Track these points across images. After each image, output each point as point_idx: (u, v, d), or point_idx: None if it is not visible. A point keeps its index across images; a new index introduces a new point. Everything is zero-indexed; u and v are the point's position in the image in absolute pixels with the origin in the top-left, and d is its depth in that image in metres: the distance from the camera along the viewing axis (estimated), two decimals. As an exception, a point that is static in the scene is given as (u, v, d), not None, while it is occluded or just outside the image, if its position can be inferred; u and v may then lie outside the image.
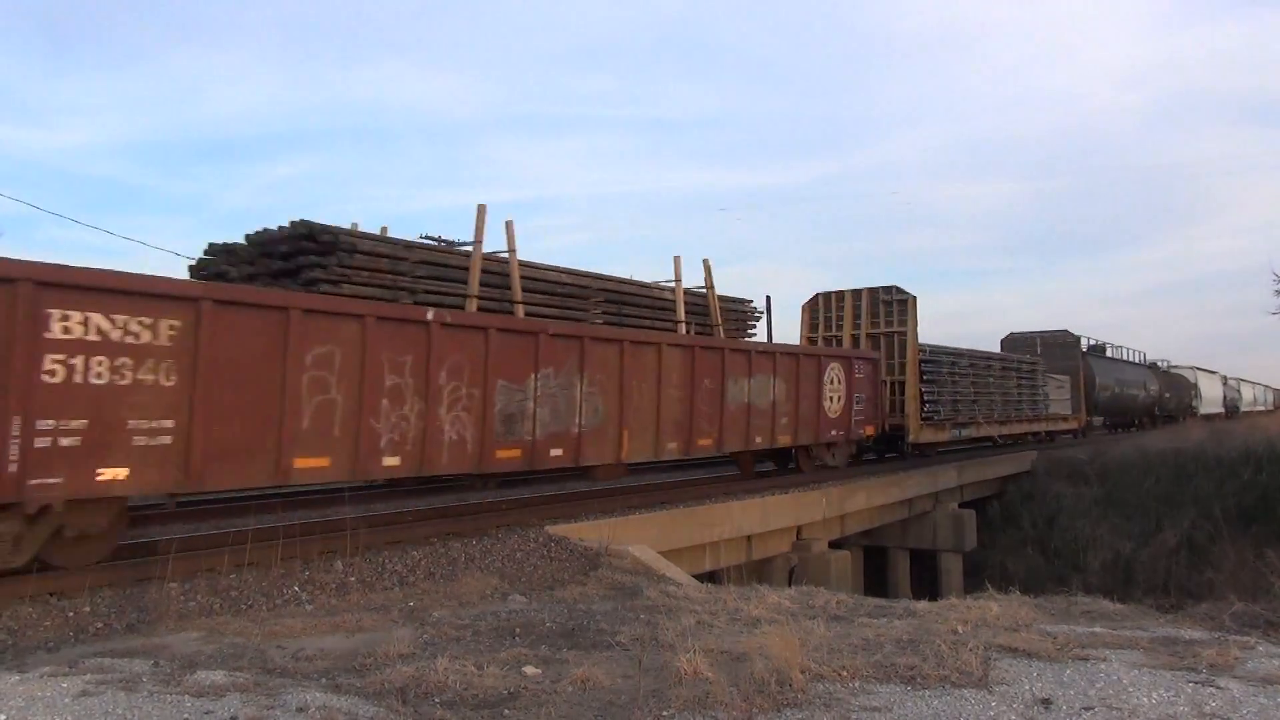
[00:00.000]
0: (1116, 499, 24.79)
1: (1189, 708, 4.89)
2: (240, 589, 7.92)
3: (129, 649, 6.28)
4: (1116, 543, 22.37)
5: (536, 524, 11.29)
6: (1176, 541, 21.54)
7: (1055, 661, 5.84)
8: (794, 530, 16.22)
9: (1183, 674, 5.55)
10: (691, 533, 13.38)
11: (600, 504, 13.35)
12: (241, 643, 6.45)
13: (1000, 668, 5.67)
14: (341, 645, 6.42)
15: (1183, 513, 22.58)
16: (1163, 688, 5.23)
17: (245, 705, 4.84)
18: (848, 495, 17.70)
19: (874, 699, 5.06)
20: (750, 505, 14.74)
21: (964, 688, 5.25)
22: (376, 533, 10.13)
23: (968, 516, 22.18)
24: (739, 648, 6.12)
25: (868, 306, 22.80)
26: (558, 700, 5.09)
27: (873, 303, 22.83)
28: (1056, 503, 25.13)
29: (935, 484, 21.83)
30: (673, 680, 5.32)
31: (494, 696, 5.16)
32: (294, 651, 6.19)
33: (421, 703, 5.04)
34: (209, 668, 5.66)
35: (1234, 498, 22.77)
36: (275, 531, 9.51)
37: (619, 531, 11.61)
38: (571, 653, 6.21)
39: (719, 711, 4.82)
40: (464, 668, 5.55)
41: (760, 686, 5.14)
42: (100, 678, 5.33)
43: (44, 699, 4.89)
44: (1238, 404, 72.20)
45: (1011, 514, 25.39)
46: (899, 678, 5.45)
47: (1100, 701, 4.98)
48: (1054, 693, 5.15)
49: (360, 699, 5.05)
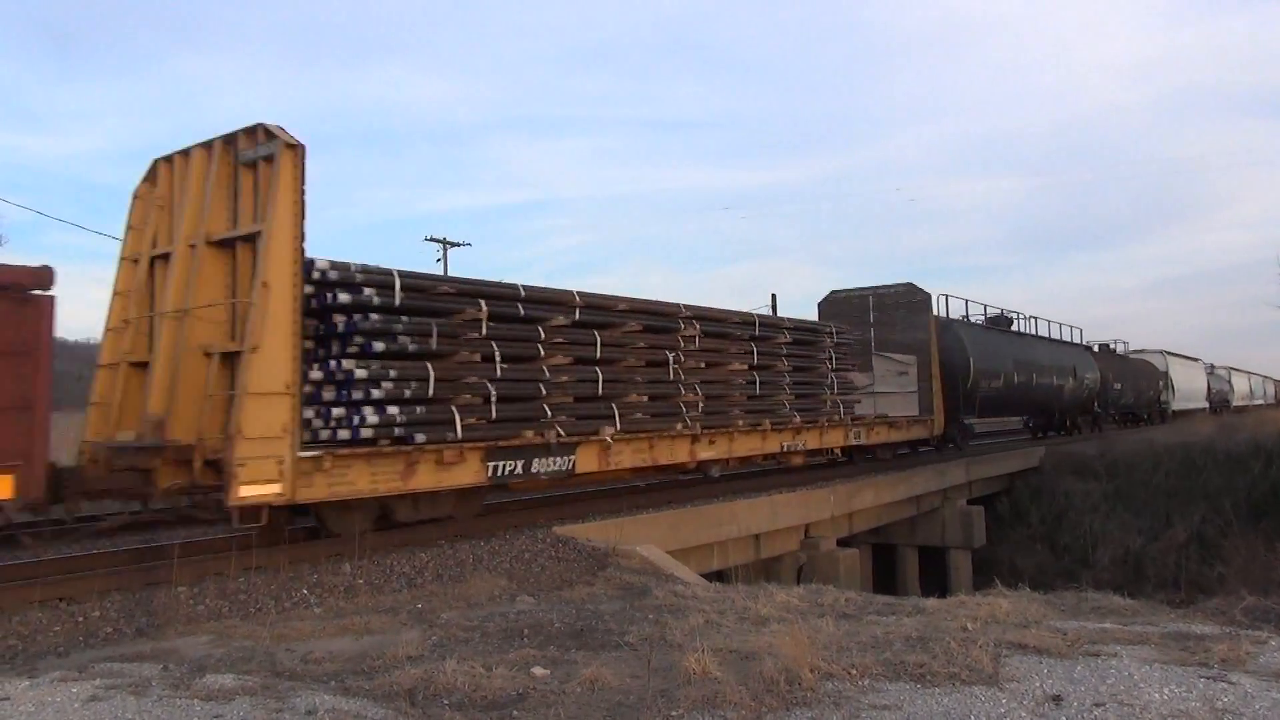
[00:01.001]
0: (1125, 494, 24.70)
1: (1201, 703, 4.86)
2: (248, 592, 7.93)
3: (138, 653, 6.29)
4: (1126, 538, 22.28)
5: (544, 525, 11.29)
6: (1186, 536, 21.45)
7: (1066, 658, 5.81)
8: (802, 528, 16.19)
9: (1194, 669, 5.51)
10: (699, 532, 13.36)
11: (607, 504, 13.35)
12: (250, 646, 6.46)
13: (1010, 664, 5.64)
14: (350, 647, 6.43)
15: (1193, 507, 22.49)
16: (1174, 683, 5.20)
17: (254, 708, 4.84)
18: (855, 493, 17.66)
19: (884, 697, 5.04)
20: (758, 504, 14.71)
21: (974, 685, 5.22)
22: (384, 535, 10.15)
23: (976, 513, 22.11)
24: (748, 647, 6.10)
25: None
26: (566, 701, 5.08)
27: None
28: (1065, 498, 25.02)
29: (943, 481, 21.76)
30: (682, 680, 5.30)
31: (502, 697, 5.15)
32: (303, 654, 6.19)
33: (430, 704, 5.04)
34: (218, 671, 5.66)
35: (1244, 492, 22.67)
36: (281, 534, 9.54)
37: (626, 531, 11.61)
38: (580, 653, 6.20)
39: (728, 711, 4.80)
40: (472, 669, 5.55)
41: (769, 685, 5.13)
42: (110, 682, 5.35)
43: (54, 704, 4.91)
44: (1227, 397, 60.84)
45: (1020, 510, 25.31)
46: (908, 675, 5.43)
47: (1111, 698, 4.96)
48: (1065, 689, 5.12)
49: (369, 701, 5.06)
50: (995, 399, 26.94)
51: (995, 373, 26.20)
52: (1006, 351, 27.89)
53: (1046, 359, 31.14)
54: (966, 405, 24.57)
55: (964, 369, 24.01)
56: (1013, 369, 27.44)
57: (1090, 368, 35.46)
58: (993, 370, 26.04)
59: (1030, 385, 28.91)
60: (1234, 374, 66.29)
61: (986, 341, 26.88)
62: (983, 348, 25.85)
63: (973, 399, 24.71)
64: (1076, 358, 34.56)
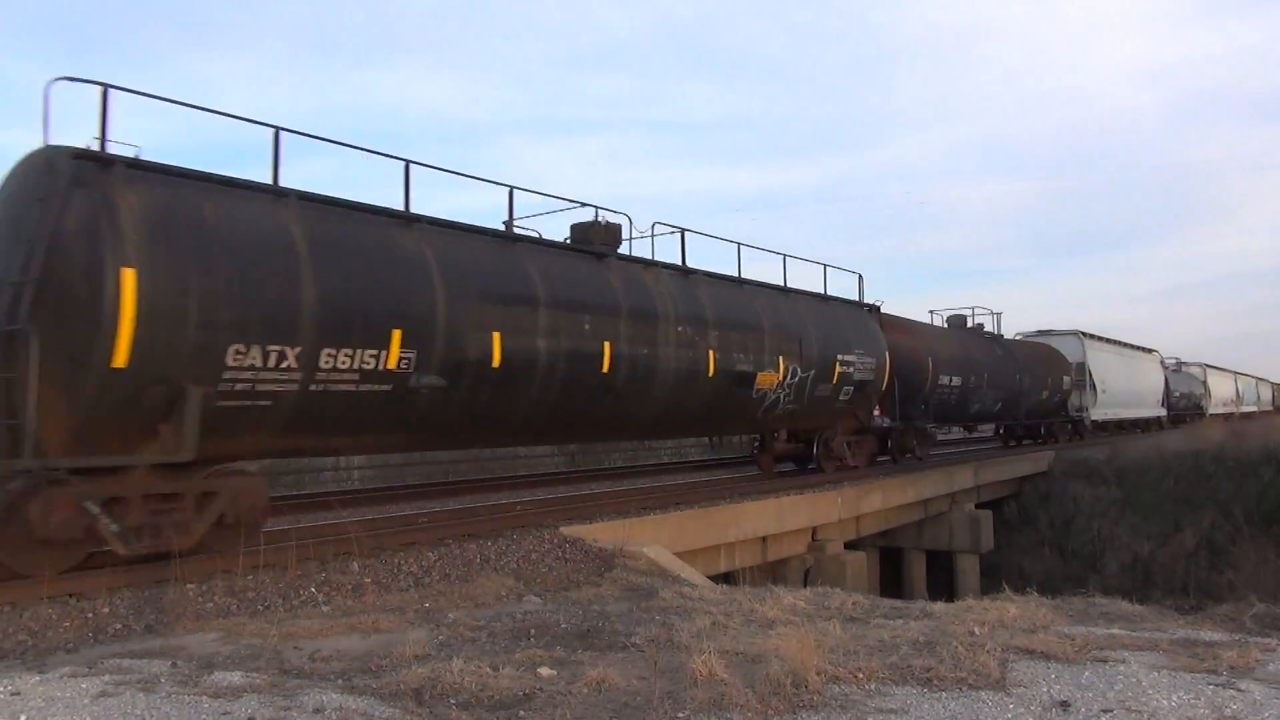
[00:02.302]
0: (1134, 499, 24.62)
1: (1209, 710, 4.84)
2: (257, 590, 7.96)
3: (147, 650, 6.32)
4: (1135, 543, 22.22)
5: (551, 525, 11.31)
6: (1196, 542, 21.38)
7: (1073, 663, 5.80)
8: (809, 531, 16.16)
9: (1203, 676, 5.49)
10: (706, 534, 13.36)
11: (615, 505, 13.36)
12: (258, 643, 6.49)
13: (1018, 670, 5.63)
14: (358, 646, 6.44)
15: (1202, 513, 22.41)
16: (1182, 690, 5.18)
17: (262, 706, 4.86)
18: (863, 496, 17.62)
19: (890, 701, 5.03)
20: (765, 506, 14.70)
21: (981, 690, 5.21)
22: (392, 534, 10.17)
23: (984, 517, 22.04)
24: (754, 649, 6.10)
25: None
26: (573, 701, 5.08)
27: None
28: (1074, 503, 24.95)
29: (951, 484, 21.71)
30: (688, 682, 5.30)
31: (509, 697, 5.16)
32: (310, 652, 6.21)
33: (437, 704, 5.05)
34: (226, 668, 5.69)
35: (1255, 498, 22.57)
36: (289, 534, 9.57)
37: (634, 532, 11.61)
38: (586, 654, 6.21)
39: (734, 713, 4.80)
40: (479, 669, 5.56)
41: (776, 688, 5.12)
42: (119, 678, 5.37)
43: (63, 699, 4.93)
44: (1199, 402, 48.49)
45: (1028, 515, 25.24)
46: (915, 679, 5.42)
47: (1119, 704, 4.94)
48: (1072, 695, 5.11)
49: (376, 700, 5.07)
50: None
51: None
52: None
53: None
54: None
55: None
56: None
57: (868, 353, 18.27)
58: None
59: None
60: (1213, 373, 52.88)
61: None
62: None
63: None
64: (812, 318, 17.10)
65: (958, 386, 23.53)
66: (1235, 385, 57.72)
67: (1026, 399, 28.15)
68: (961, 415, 25.76)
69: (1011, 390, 27.09)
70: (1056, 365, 31.23)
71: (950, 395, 23.38)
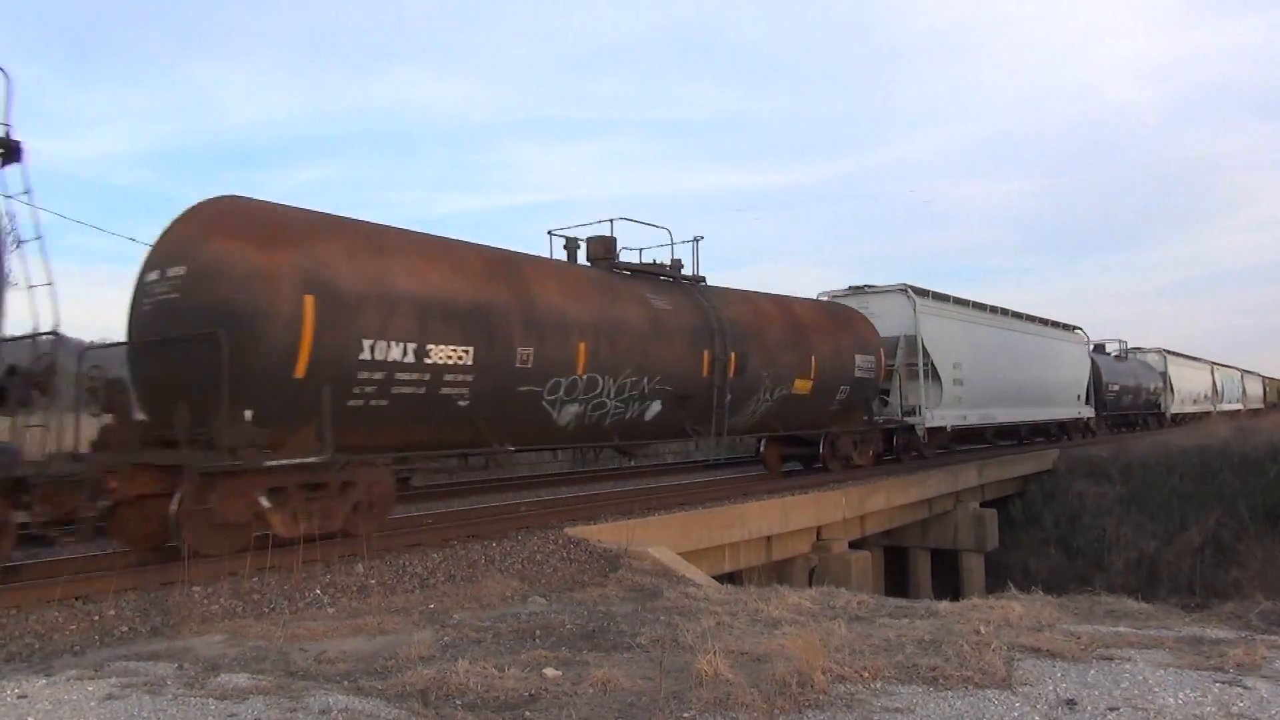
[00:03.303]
0: (1140, 497, 24.55)
1: (1215, 708, 4.83)
2: (262, 592, 7.97)
3: (153, 652, 6.33)
4: (1140, 541, 22.15)
5: (556, 525, 11.31)
6: (1201, 540, 21.30)
7: (1079, 662, 5.79)
8: (814, 531, 16.15)
9: (1209, 674, 5.48)
10: (711, 534, 13.35)
11: (619, 505, 13.36)
12: (264, 645, 6.50)
13: (1024, 668, 5.62)
14: (363, 647, 6.45)
15: (1208, 511, 22.32)
16: (1189, 688, 5.17)
17: (268, 708, 4.87)
18: (867, 495, 17.60)
19: (896, 700, 5.03)
20: (770, 506, 14.69)
21: (987, 688, 5.21)
22: (397, 536, 10.18)
23: (989, 516, 22.00)
24: (760, 649, 6.10)
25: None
26: (578, 702, 5.09)
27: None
28: (1079, 501, 24.90)
29: (956, 483, 21.67)
30: (693, 682, 5.30)
31: (515, 698, 5.16)
32: (316, 654, 6.22)
33: (443, 705, 5.05)
34: (232, 670, 5.70)
35: (1260, 495, 22.49)
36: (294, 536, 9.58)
37: (638, 533, 11.61)
38: (592, 654, 6.21)
39: (740, 713, 4.80)
40: (485, 669, 5.56)
41: (781, 687, 5.12)
42: (125, 681, 5.38)
43: (70, 702, 4.94)
44: (1154, 399, 39.41)
45: (1033, 513, 25.19)
46: (921, 678, 5.41)
47: (1125, 702, 4.93)
48: (1078, 693, 5.10)
49: (382, 701, 5.08)
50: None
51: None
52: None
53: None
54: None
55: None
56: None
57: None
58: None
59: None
60: (1177, 362, 42.78)
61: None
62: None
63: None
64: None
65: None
66: (1212, 378, 47.43)
67: (824, 399, 16.67)
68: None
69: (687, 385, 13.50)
70: (858, 340, 18.00)
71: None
